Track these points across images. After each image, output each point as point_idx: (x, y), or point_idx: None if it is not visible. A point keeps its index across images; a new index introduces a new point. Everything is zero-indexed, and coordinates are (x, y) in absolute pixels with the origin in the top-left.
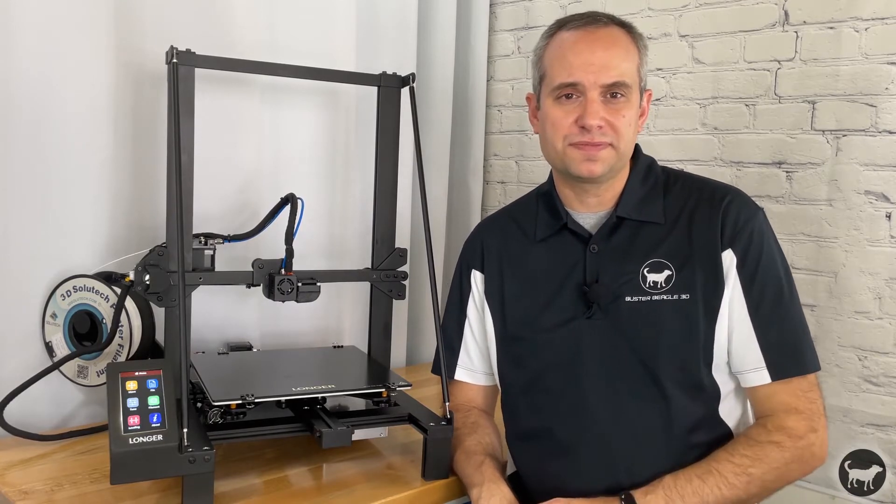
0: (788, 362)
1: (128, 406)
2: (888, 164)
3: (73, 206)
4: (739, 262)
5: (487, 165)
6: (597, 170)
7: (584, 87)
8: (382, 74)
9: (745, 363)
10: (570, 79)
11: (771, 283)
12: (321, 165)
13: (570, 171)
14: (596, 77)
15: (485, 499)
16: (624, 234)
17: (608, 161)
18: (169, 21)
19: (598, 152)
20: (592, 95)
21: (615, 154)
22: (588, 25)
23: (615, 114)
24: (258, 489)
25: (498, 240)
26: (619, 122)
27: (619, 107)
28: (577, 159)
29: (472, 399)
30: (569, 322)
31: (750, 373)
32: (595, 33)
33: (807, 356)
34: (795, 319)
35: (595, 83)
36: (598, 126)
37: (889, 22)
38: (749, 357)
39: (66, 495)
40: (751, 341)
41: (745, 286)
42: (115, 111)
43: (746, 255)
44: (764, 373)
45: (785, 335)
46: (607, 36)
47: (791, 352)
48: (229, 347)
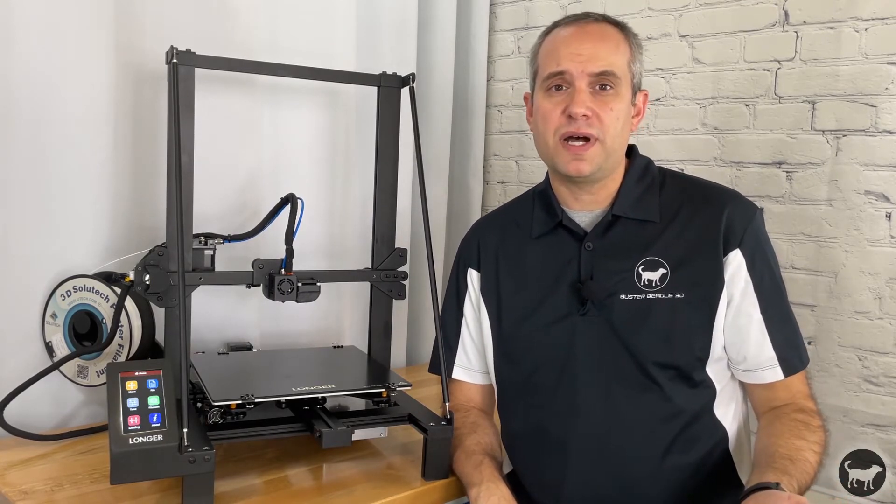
0: (794, 358)
1: (128, 406)
2: (888, 164)
3: (73, 206)
4: (749, 264)
5: (487, 165)
6: (584, 169)
7: (572, 76)
8: (382, 74)
9: (759, 362)
10: (558, 67)
11: (775, 283)
12: (321, 165)
13: (559, 170)
14: (583, 66)
15: (483, 498)
16: (619, 233)
17: (596, 160)
18: (169, 21)
19: (585, 151)
20: (580, 85)
21: (602, 151)
22: (580, 21)
23: (602, 105)
24: (258, 489)
25: (494, 238)
26: (605, 115)
27: (607, 99)
28: (565, 158)
29: (471, 398)
30: (563, 319)
31: (765, 370)
32: (586, 28)
33: (803, 352)
34: (791, 314)
35: (582, 72)
36: (583, 115)
37: (889, 22)
38: (763, 355)
39: (66, 495)
40: (764, 340)
41: (757, 286)
42: (115, 111)
43: (755, 257)
44: (777, 370)
45: (788, 332)
46: (598, 30)
47: (795, 347)
48: (229, 347)
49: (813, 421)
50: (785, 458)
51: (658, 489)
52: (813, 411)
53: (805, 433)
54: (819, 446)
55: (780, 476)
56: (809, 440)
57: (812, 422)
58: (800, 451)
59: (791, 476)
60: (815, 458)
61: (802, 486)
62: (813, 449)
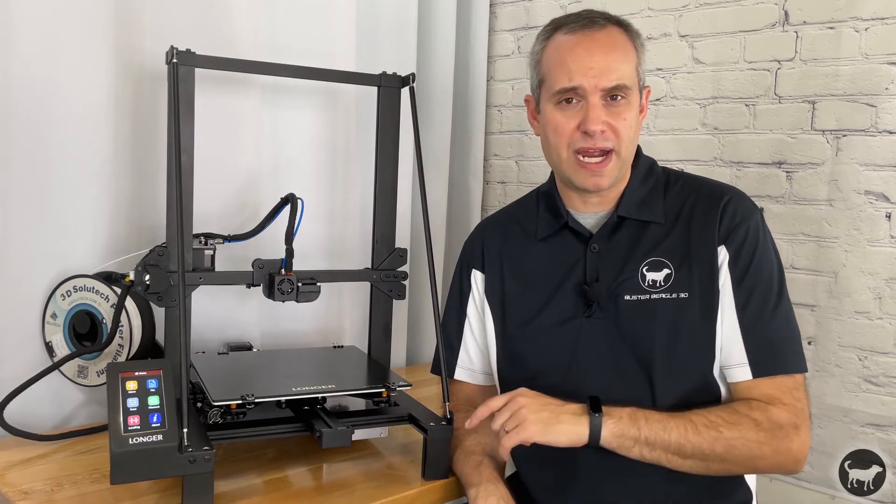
0: (770, 361)
1: (128, 406)
2: (888, 164)
3: (73, 205)
4: (732, 259)
5: (487, 165)
6: (603, 184)
7: (585, 91)
8: (382, 74)
9: (729, 359)
10: (571, 83)
11: (761, 283)
12: (321, 165)
13: (576, 185)
14: (597, 81)
15: (482, 499)
16: (624, 234)
17: (613, 173)
18: (169, 21)
19: (603, 168)
20: (594, 100)
21: (618, 162)
22: (585, 28)
23: (616, 117)
24: (258, 489)
25: (498, 239)
26: (620, 125)
27: (619, 109)
28: (583, 175)
29: (472, 399)
30: (568, 321)
31: (734, 368)
32: (593, 36)
33: (790, 357)
34: (782, 320)
35: (596, 87)
36: (600, 131)
37: (889, 22)
38: (734, 353)
39: (66, 495)
40: (736, 338)
41: (735, 283)
42: (115, 111)
43: (739, 253)
44: (746, 369)
45: (770, 335)
46: (606, 38)
47: (774, 352)
48: (229, 347)
49: (752, 413)
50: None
51: (663, 492)
52: (772, 416)
53: (718, 410)
54: (724, 421)
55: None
56: (713, 412)
57: (742, 409)
58: (685, 416)
59: (630, 407)
60: (704, 421)
61: (640, 416)
62: (708, 417)
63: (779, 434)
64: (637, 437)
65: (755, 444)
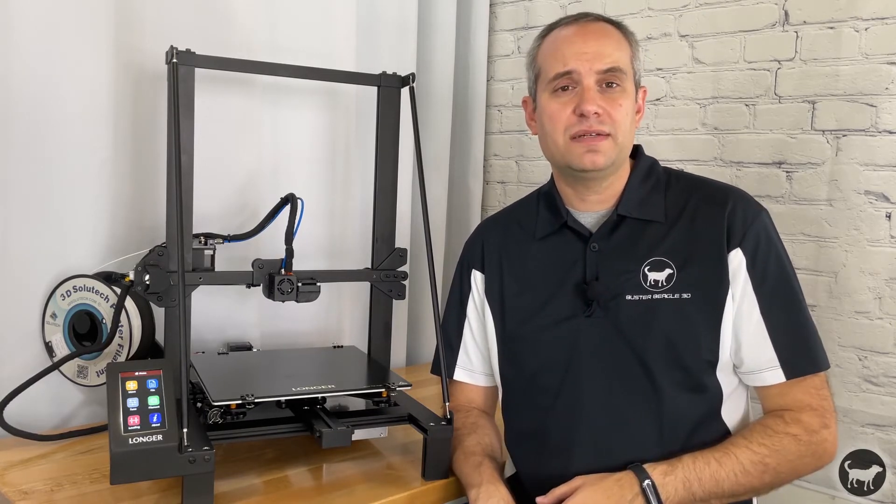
0: (802, 361)
1: (128, 406)
2: (888, 164)
3: (73, 205)
4: (749, 263)
5: (487, 165)
6: (599, 161)
7: (580, 75)
8: (382, 74)
9: (758, 362)
10: (565, 67)
11: (782, 283)
12: (321, 165)
13: (573, 166)
14: (591, 64)
15: (482, 500)
16: (624, 233)
17: (610, 153)
18: (169, 21)
19: (600, 143)
20: (588, 83)
21: (615, 146)
22: (580, 20)
23: (612, 103)
24: (258, 489)
25: (498, 239)
26: (616, 112)
27: (615, 96)
28: (579, 152)
29: (472, 399)
30: (568, 320)
31: (764, 372)
32: (586, 27)
33: (819, 354)
34: (805, 317)
35: (590, 70)
36: (595, 113)
37: (889, 22)
38: (763, 356)
39: (66, 495)
40: (764, 341)
41: (757, 286)
42: (115, 111)
43: (756, 256)
44: (778, 371)
45: (797, 334)
46: (599, 28)
47: (804, 350)
48: (229, 347)
49: (789, 428)
50: (705, 453)
51: None
52: (806, 426)
53: (758, 437)
54: (768, 449)
55: (665, 466)
56: (754, 441)
57: (779, 427)
58: (730, 446)
59: (680, 468)
60: (751, 456)
61: (693, 480)
62: (752, 448)
63: (815, 440)
64: (693, 502)
65: (797, 458)
